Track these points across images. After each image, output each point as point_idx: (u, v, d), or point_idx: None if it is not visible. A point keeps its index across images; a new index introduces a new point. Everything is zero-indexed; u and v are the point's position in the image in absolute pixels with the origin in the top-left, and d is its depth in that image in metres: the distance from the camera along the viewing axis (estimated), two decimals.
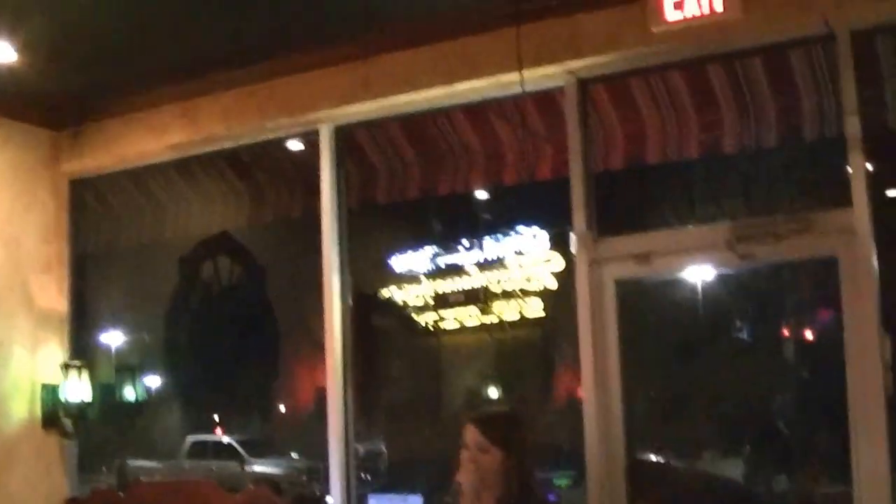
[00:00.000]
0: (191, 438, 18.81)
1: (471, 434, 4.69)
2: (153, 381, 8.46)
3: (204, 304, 9.43)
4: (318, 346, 7.46)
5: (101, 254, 8.36)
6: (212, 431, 19.17)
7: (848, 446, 5.48)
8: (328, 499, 6.97)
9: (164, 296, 9.08)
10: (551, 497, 5.51)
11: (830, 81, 5.80)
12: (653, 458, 7.07)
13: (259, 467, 19.17)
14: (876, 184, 5.55)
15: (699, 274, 6.71)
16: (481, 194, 7.66)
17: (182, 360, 9.40)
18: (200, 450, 19.49)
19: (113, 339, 8.55)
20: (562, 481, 6.56)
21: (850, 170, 5.49)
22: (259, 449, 19.67)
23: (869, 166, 5.54)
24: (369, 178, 7.31)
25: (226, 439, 19.56)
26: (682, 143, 6.30)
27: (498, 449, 4.63)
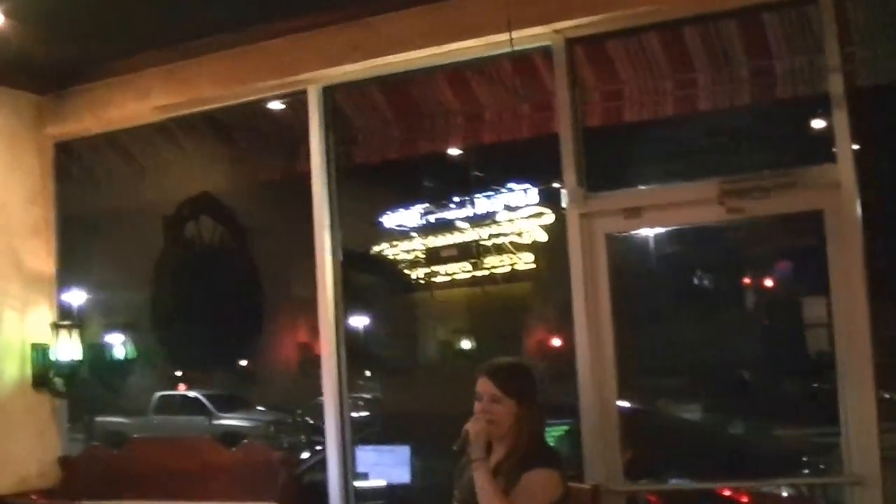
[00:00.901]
0: (158, 394, 18.92)
1: (483, 384, 4.80)
2: (137, 338, 8.58)
3: (187, 263, 9.50)
4: (301, 303, 7.58)
5: (87, 215, 8.43)
6: (184, 386, 19.33)
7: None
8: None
9: (149, 255, 9.15)
10: None
11: (804, 43, 6.00)
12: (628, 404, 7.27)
13: (226, 421, 19.31)
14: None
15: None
16: (471, 152, 7.79)
17: (164, 318, 9.47)
18: (168, 405, 19.62)
19: (100, 298, 8.65)
20: (558, 432, 6.75)
21: (834, 126, 5.68)
22: (230, 403, 19.83)
23: None
24: (352, 139, 7.46)
25: (192, 394, 19.69)
26: (659, 102, 6.50)
27: (511, 399, 4.76)
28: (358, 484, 7.15)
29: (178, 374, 18.58)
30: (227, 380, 18.68)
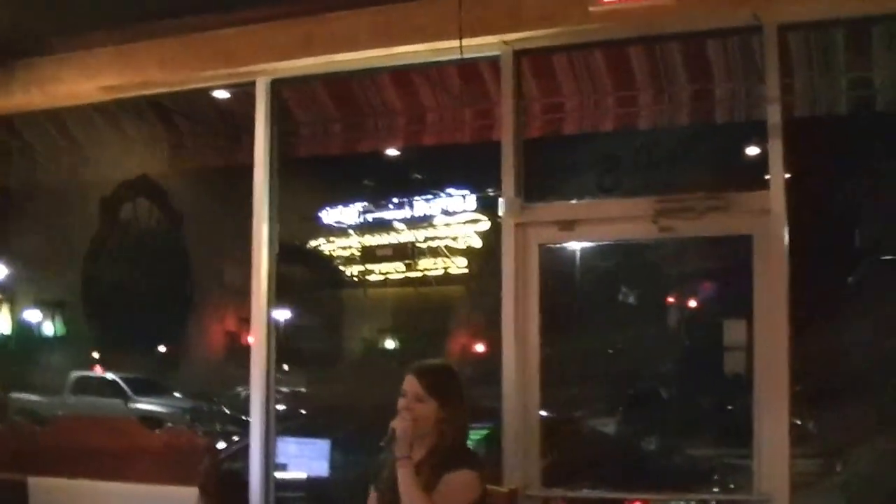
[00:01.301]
0: (75, 374, 18.76)
1: (409, 383, 4.88)
2: (66, 317, 8.57)
3: (120, 245, 9.47)
4: (231, 293, 7.61)
5: (23, 191, 8.38)
6: (101, 368, 19.19)
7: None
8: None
9: (84, 234, 9.15)
10: None
11: (744, 71, 6.18)
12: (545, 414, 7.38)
13: (143, 405, 19.19)
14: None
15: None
16: (412, 155, 7.88)
17: (94, 298, 9.45)
18: (84, 385, 19.46)
19: (33, 275, 8.61)
20: (478, 435, 6.85)
21: (769, 154, 5.84)
22: (147, 387, 19.74)
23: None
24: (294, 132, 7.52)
25: (110, 375, 19.55)
26: (599, 117, 6.65)
27: (433, 399, 4.84)
28: (279, 475, 7.19)
29: (98, 354, 18.42)
30: (149, 363, 18.55)
